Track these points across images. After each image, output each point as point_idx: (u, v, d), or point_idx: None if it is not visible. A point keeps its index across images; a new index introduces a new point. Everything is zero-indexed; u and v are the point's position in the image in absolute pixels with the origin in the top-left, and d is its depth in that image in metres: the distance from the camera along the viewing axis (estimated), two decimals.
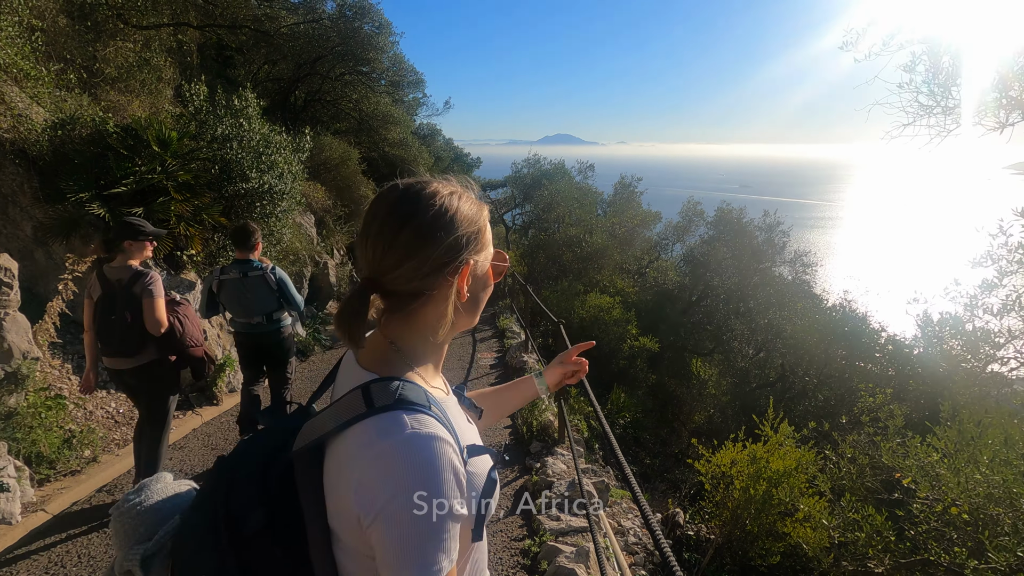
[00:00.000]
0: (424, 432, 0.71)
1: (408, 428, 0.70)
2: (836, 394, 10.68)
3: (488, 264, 0.91)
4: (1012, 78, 2.88)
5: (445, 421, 0.76)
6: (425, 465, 0.68)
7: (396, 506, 0.66)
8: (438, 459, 0.69)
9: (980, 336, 5.52)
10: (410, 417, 0.72)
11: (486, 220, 0.90)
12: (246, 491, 0.75)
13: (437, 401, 0.80)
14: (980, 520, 3.15)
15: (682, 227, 18.66)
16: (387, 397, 0.74)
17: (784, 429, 5.13)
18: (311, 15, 13.36)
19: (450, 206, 0.82)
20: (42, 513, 3.67)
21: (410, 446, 0.69)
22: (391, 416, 0.72)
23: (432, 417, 0.74)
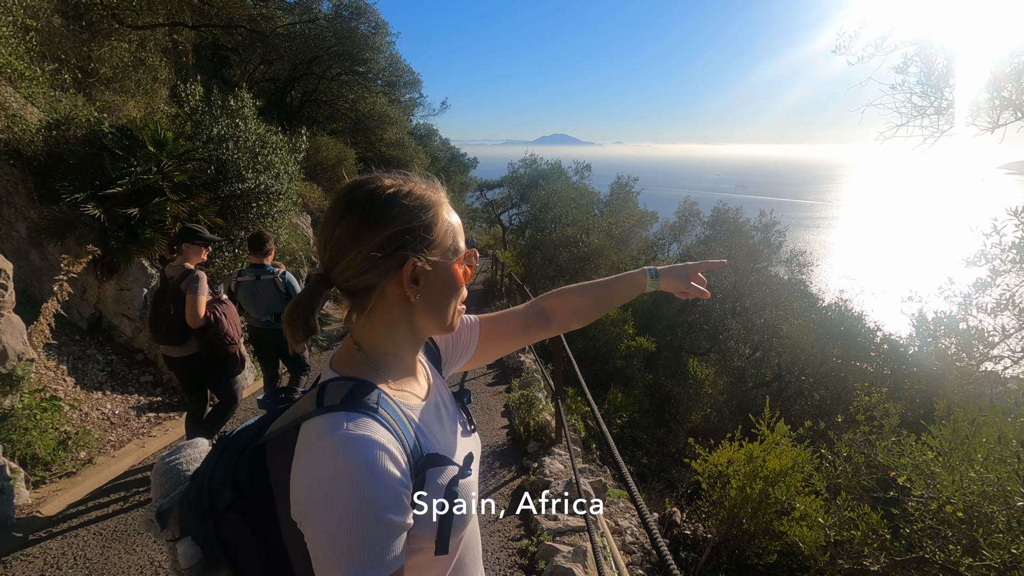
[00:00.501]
0: (357, 434, 0.69)
1: (342, 429, 0.69)
2: (832, 393, 10.72)
3: (450, 264, 0.85)
4: (1004, 78, 2.90)
5: (396, 426, 0.74)
6: (353, 469, 0.66)
7: (322, 508, 0.65)
8: (368, 463, 0.67)
9: (974, 335, 5.55)
10: (350, 420, 0.70)
11: (441, 216, 0.84)
12: (224, 468, 0.79)
13: (397, 405, 0.79)
14: (974, 518, 3.17)
15: (678, 227, 18.71)
16: (335, 397, 0.74)
17: (780, 428, 5.15)
18: (307, 15, 13.33)
19: (388, 200, 0.79)
20: (37, 515, 3.65)
21: (340, 448, 0.67)
22: (331, 417, 0.71)
23: (376, 420, 0.72)
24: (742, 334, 14.93)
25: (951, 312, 6.39)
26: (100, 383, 5.21)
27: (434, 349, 1.08)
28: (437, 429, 0.86)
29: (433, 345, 1.08)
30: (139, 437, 4.88)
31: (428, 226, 0.81)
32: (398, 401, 0.80)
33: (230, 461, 0.79)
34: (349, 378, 0.79)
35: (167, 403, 5.51)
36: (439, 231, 0.83)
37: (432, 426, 0.85)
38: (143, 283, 5.67)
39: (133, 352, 5.74)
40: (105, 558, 3.27)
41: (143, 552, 3.34)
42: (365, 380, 0.79)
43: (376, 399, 0.76)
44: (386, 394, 0.79)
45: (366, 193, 0.80)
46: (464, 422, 0.98)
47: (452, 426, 0.92)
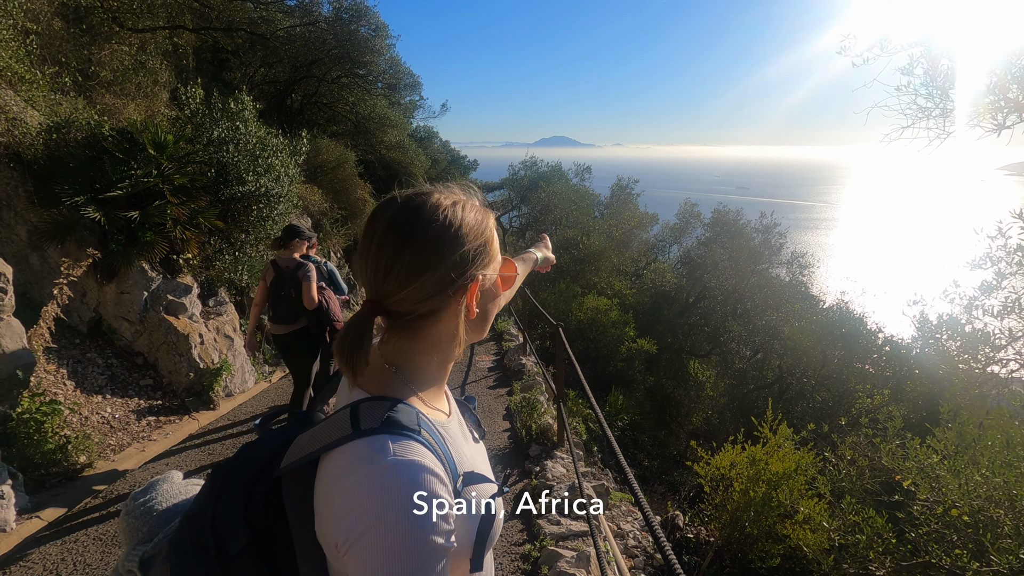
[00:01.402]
0: (407, 460, 0.66)
1: (391, 455, 0.66)
2: (834, 395, 10.70)
3: (496, 275, 0.87)
4: (1010, 80, 2.89)
5: (437, 448, 0.73)
6: (405, 496, 0.64)
7: (373, 536, 0.63)
8: (419, 489, 0.65)
9: (980, 337, 5.52)
10: (395, 444, 0.68)
11: (492, 229, 0.85)
12: (232, 505, 0.72)
13: (433, 425, 0.77)
14: (981, 522, 3.14)
15: (679, 229, 18.71)
16: (374, 420, 0.71)
17: (783, 431, 5.13)
18: (307, 18, 13.33)
19: (454, 219, 0.77)
20: (37, 520, 3.63)
21: (390, 475, 0.65)
22: (375, 441, 0.68)
23: (421, 443, 0.70)
24: (743, 336, 14.92)
25: (955, 314, 6.37)
26: (100, 387, 5.20)
27: None
28: (463, 444, 0.84)
29: None
30: (139, 441, 4.86)
31: (488, 241, 0.83)
32: (433, 420, 0.78)
33: (238, 498, 0.73)
34: (384, 398, 0.76)
35: (167, 407, 5.49)
36: (494, 244, 0.85)
37: (459, 442, 0.83)
38: (143, 286, 5.65)
39: (133, 355, 5.72)
40: (104, 563, 3.24)
41: None
42: (401, 400, 0.76)
43: (416, 420, 0.73)
44: (423, 414, 0.77)
45: (428, 215, 0.77)
46: (474, 430, 0.95)
47: (471, 439, 0.90)
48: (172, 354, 5.66)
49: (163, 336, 5.66)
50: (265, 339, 7.69)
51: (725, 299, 15.79)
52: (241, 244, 6.93)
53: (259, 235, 7.11)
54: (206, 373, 5.80)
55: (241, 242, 6.93)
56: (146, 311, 5.70)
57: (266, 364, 7.50)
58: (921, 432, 4.33)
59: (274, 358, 7.74)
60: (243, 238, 6.93)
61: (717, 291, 16.02)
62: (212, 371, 5.83)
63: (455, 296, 0.78)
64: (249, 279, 7.27)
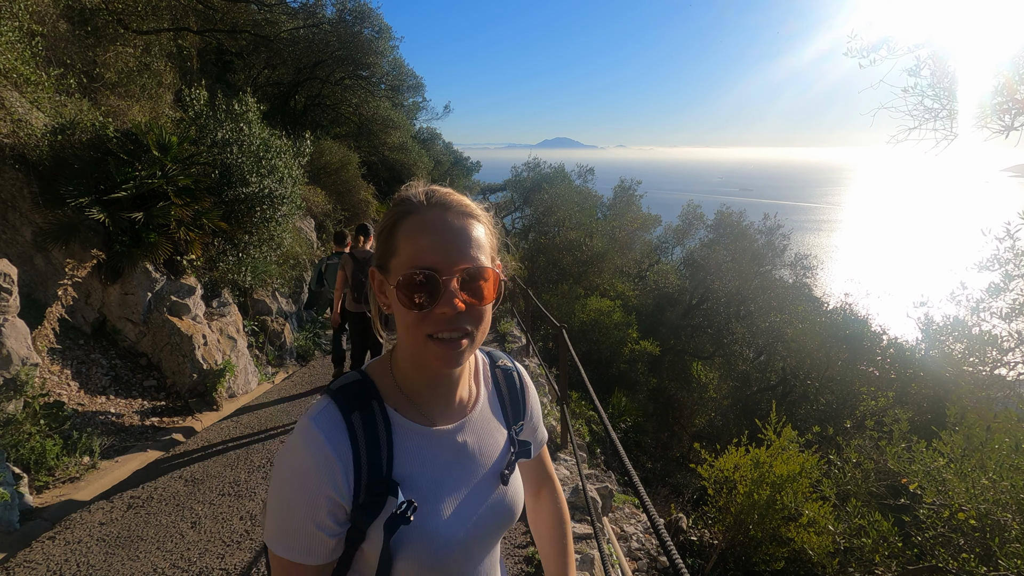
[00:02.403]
0: (313, 430, 0.74)
1: (311, 416, 0.76)
2: (838, 398, 10.65)
3: (390, 282, 0.77)
4: (1017, 81, 2.87)
5: (359, 435, 0.76)
6: (290, 459, 0.74)
7: (273, 470, 0.77)
8: (302, 458, 0.74)
9: (987, 340, 5.49)
10: (323, 412, 0.77)
11: (398, 225, 0.77)
12: None
13: (382, 419, 0.79)
14: (988, 526, 3.12)
15: (682, 230, 18.68)
16: (340, 382, 0.82)
17: (788, 433, 5.10)
18: (311, 19, 13.35)
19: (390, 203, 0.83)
20: (41, 521, 3.64)
21: (299, 431, 0.76)
22: (320, 400, 0.80)
23: (342, 423, 0.76)
24: (746, 338, 14.86)
25: (961, 316, 6.33)
26: (104, 387, 5.20)
27: (518, 392, 1.00)
28: (441, 464, 0.82)
29: (519, 387, 1.01)
30: (142, 442, 4.86)
31: (386, 234, 0.79)
32: (395, 417, 0.80)
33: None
34: (363, 374, 0.84)
35: (171, 407, 5.49)
36: (398, 239, 0.77)
37: (431, 458, 0.81)
38: (147, 287, 5.66)
39: (137, 356, 5.73)
40: (108, 564, 3.24)
41: (147, 558, 3.31)
42: (371, 381, 0.82)
43: (358, 399, 0.79)
44: (382, 403, 0.80)
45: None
46: (500, 474, 0.89)
47: (472, 470, 0.86)
48: (175, 355, 5.67)
49: (167, 337, 5.67)
50: (269, 340, 7.70)
51: (728, 301, 15.74)
52: (244, 245, 6.94)
53: (262, 236, 7.12)
54: (209, 374, 5.80)
55: (245, 243, 6.93)
56: (150, 312, 5.71)
57: (269, 365, 7.50)
58: (927, 435, 4.30)
59: (276, 359, 7.75)
60: (247, 239, 6.94)
61: (720, 293, 15.97)
62: (215, 372, 5.83)
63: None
64: (252, 280, 7.27)
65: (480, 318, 0.77)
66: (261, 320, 7.84)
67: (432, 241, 0.74)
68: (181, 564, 3.29)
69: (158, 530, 3.60)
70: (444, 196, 0.78)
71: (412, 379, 0.83)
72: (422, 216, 0.76)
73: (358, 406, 0.78)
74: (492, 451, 0.90)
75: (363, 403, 0.78)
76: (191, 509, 3.87)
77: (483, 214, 0.82)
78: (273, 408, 5.98)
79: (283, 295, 8.68)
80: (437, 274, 0.72)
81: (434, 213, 0.76)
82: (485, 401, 0.93)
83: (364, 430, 0.76)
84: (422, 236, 0.74)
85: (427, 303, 0.73)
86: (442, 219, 0.76)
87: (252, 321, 7.63)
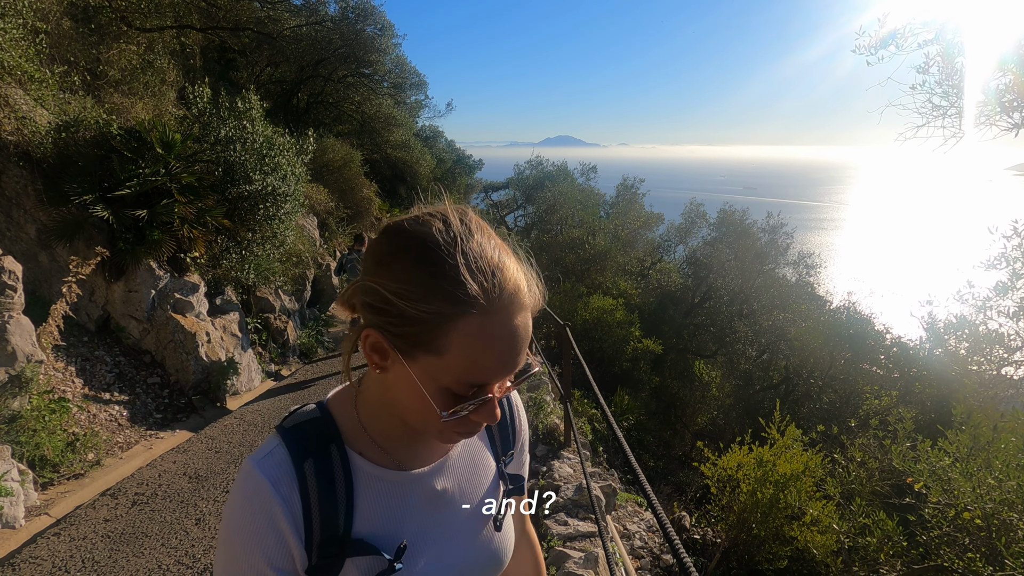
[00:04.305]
0: (257, 477, 0.64)
1: (258, 459, 0.66)
2: (841, 396, 10.62)
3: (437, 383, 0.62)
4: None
5: (311, 487, 0.65)
6: (231, 515, 0.65)
7: (224, 513, 0.67)
8: (243, 515, 0.64)
9: (994, 338, 5.46)
10: (269, 455, 0.66)
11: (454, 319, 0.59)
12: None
13: (341, 467, 0.68)
14: (994, 526, 3.10)
15: (684, 229, 18.62)
16: (292, 420, 0.71)
17: (791, 432, 5.09)
18: (314, 17, 13.35)
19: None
20: (46, 517, 3.65)
21: (242, 477, 0.66)
22: (269, 441, 0.69)
23: (292, 473, 0.65)
24: (749, 336, 14.83)
25: (967, 315, 6.30)
26: (108, 384, 5.22)
27: (508, 417, 0.89)
28: (414, 515, 0.72)
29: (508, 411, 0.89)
30: (147, 439, 4.88)
31: (435, 320, 0.59)
32: (358, 463, 0.70)
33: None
34: (323, 410, 0.72)
35: (174, 404, 5.50)
36: (450, 342, 0.59)
37: (402, 509, 0.71)
38: (151, 284, 5.67)
39: (141, 354, 5.74)
40: (113, 560, 3.25)
41: (151, 555, 3.32)
42: (331, 419, 0.71)
43: (315, 445, 0.68)
44: (342, 446, 0.69)
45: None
46: (491, 518, 0.79)
47: (452, 518, 0.75)
48: (179, 352, 5.68)
49: (170, 334, 5.68)
50: (272, 338, 7.71)
51: (731, 299, 15.70)
52: (248, 243, 6.95)
53: (265, 234, 7.13)
54: (213, 371, 5.82)
55: (248, 241, 6.94)
56: (153, 309, 5.72)
57: (272, 363, 7.51)
58: (931, 434, 4.28)
59: (279, 356, 7.75)
60: (250, 237, 6.95)
61: (723, 291, 15.93)
62: (219, 369, 5.84)
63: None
64: (255, 278, 7.28)
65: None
66: (264, 318, 7.85)
67: (497, 358, 0.60)
68: (186, 560, 3.30)
69: (162, 527, 3.61)
70: (511, 289, 0.61)
71: (385, 425, 0.72)
72: (487, 322, 0.59)
73: (313, 450, 0.67)
74: (478, 491, 0.79)
75: (319, 446, 0.68)
76: (195, 506, 3.88)
77: (529, 273, 0.69)
78: (276, 406, 5.99)
79: (286, 293, 8.69)
80: (487, 387, 0.62)
81: (502, 318, 0.60)
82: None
83: (318, 479, 0.66)
84: (487, 352, 0.59)
85: (464, 409, 0.62)
86: (509, 325, 0.60)
87: (255, 319, 7.64)
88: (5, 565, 3.17)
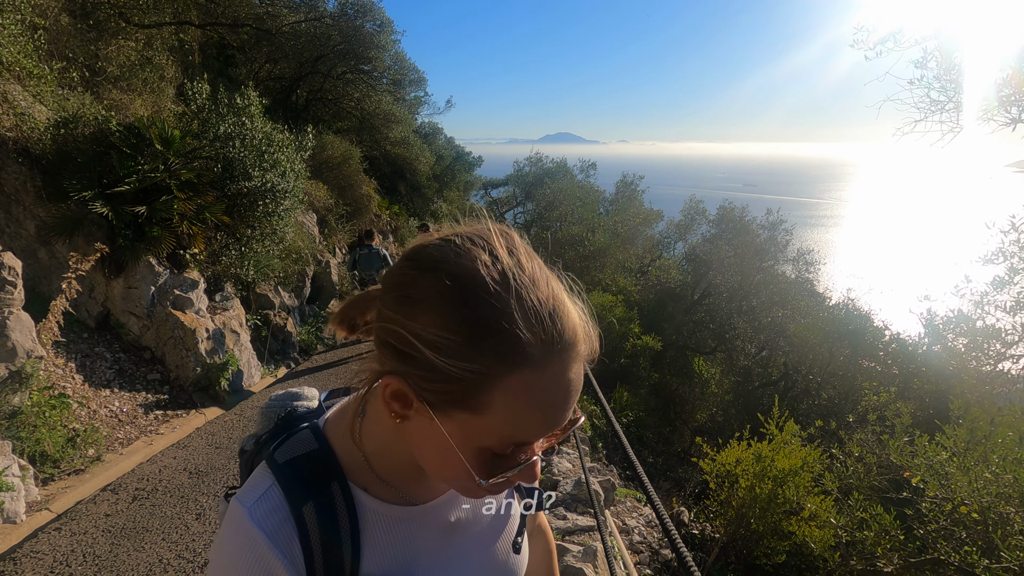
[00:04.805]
0: (249, 526, 0.57)
1: (250, 503, 0.59)
2: (840, 392, 10.66)
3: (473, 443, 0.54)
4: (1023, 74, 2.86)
5: (312, 533, 0.58)
6: (229, 560, 0.58)
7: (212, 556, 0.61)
8: (242, 563, 0.56)
9: (991, 333, 5.48)
10: (263, 498, 0.59)
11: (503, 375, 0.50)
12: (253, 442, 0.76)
13: (344, 507, 0.61)
14: (991, 519, 3.12)
15: (684, 226, 18.62)
16: (286, 453, 0.63)
17: (790, 427, 5.11)
18: (313, 13, 13.30)
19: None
20: (47, 512, 3.66)
21: (225, 535, 0.59)
22: (260, 478, 0.62)
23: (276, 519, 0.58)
24: (748, 333, 14.86)
25: (965, 311, 6.32)
26: (108, 381, 5.23)
27: None
28: (426, 550, 0.66)
29: None
30: (147, 435, 4.89)
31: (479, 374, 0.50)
32: (363, 500, 0.63)
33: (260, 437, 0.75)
34: (320, 439, 0.64)
35: (174, 401, 5.52)
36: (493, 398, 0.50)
37: (411, 545, 0.65)
38: (150, 281, 5.67)
39: (140, 350, 5.75)
40: (114, 555, 3.27)
41: (152, 549, 3.34)
42: (331, 451, 0.63)
43: (315, 486, 0.60)
44: (344, 482, 0.62)
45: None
46: (510, 541, 0.73)
47: (467, 548, 0.69)
48: (179, 349, 5.69)
49: (170, 331, 5.68)
50: (272, 334, 7.72)
51: (730, 296, 15.73)
52: (247, 240, 6.94)
53: (265, 231, 7.13)
54: (212, 368, 5.83)
55: (247, 238, 6.94)
56: (153, 306, 5.73)
57: (271, 359, 7.53)
58: (929, 429, 4.30)
59: (279, 353, 7.76)
60: (249, 234, 6.94)
61: (722, 288, 15.95)
62: (218, 366, 5.86)
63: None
64: (255, 274, 7.29)
65: None
66: (264, 314, 7.85)
67: (546, 417, 0.52)
68: (186, 555, 3.31)
69: (163, 521, 3.62)
70: (568, 338, 0.52)
71: (394, 463, 0.64)
72: (539, 377, 0.50)
73: (312, 492, 0.59)
74: (493, 513, 0.73)
75: (319, 486, 0.60)
76: (196, 501, 3.89)
77: (586, 318, 0.57)
78: None
79: (285, 289, 8.69)
80: (530, 447, 0.55)
81: (555, 371, 0.51)
82: None
83: (320, 525, 0.58)
84: (535, 412, 0.51)
85: (500, 469, 0.54)
86: (562, 380, 0.52)
87: (255, 315, 7.65)
88: (7, 559, 3.18)
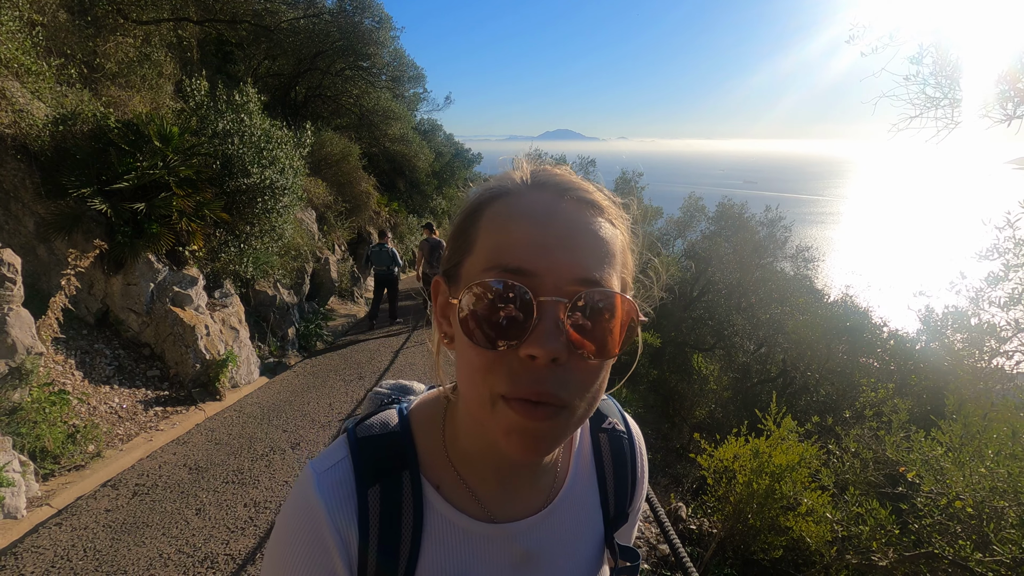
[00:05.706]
0: (309, 496, 0.54)
1: (319, 470, 0.55)
2: (838, 389, 10.69)
3: (474, 281, 0.48)
4: (1020, 70, 2.87)
5: (373, 515, 0.54)
6: (280, 534, 0.55)
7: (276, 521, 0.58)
8: (292, 537, 0.53)
9: (986, 330, 5.51)
10: (335, 469, 0.56)
11: (483, 205, 0.52)
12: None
13: (412, 502, 0.55)
14: (985, 513, 3.15)
15: (683, 222, 18.62)
16: (368, 430, 0.59)
17: (787, 423, 5.13)
18: (311, 10, 13.28)
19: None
20: (47, 507, 3.68)
21: (299, 489, 0.56)
22: (336, 450, 0.58)
23: (340, 495, 0.54)
24: (747, 330, 14.88)
25: (961, 307, 6.35)
26: (108, 377, 5.24)
27: (628, 470, 0.69)
28: (492, 572, 0.58)
29: (631, 462, 0.69)
30: (146, 431, 4.90)
31: (461, 228, 0.53)
32: (433, 500, 0.57)
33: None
34: (404, 423, 0.60)
35: (174, 397, 5.53)
36: (479, 228, 0.50)
37: (477, 567, 0.57)
38: (149, 278, 5.68)
39: (140, 346, 5.76)
40: (115, 550, 3.29)
41: (152, 544, 3.36)
42: (411, 438, 0.59)
43: (387, 470, 0.56)
44: (417, 474, 0.57)
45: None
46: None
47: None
48: (178, 345, 5.70)
49: (169, 327, 5.70)
50: (271, 331, 7.73)
51: (729, 293, 15.75)
52: (246, 236, 6.95)
53: (264, 227, 7.13)
54: (212, 364, 5.84)
55: (246, 234, 6.95)
56: (152, 302, 5.74)
57: (271, 356, 7.54)
58: (926, 425, 4.33)
59: (278, 350, 7.78)
60: (248, 230, 6.95)
61: (721, 285, 15.97)
62: (218, 362, 5.87)
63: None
64: (254, 271, 7.29)
65: (590, 379, 0.48)
66: (263, 311, 7.87)
67: (531, 232, 0.47)
68: (187, 550, 3.33)
69: (163, 517, 3.64)
70: (558, 176, 0.53)
71: (470, 454, 0.58)
72: (519, 198, 0.49)
73: (382, 475, 0.55)
74: (575, 561, 0.63)
75: (390, 472, 0.56)
76: (196, 496, 3.91)
77: (620, 212, 0.56)
78: (275, 398, 6.02)
79: (285, 286, 8.70)
80: (531, 291, 0.45)
81: (538, 195, 0.50)
82: (576, 482, 0.64)
83: (382, 512, 0.54)
84: (515, 223, 0.48)
85: (507, 334, 0.45)
86: (551, 204, 0.49)
87: (254, 312, 7.66)
88: (8, 554, 3.20)
